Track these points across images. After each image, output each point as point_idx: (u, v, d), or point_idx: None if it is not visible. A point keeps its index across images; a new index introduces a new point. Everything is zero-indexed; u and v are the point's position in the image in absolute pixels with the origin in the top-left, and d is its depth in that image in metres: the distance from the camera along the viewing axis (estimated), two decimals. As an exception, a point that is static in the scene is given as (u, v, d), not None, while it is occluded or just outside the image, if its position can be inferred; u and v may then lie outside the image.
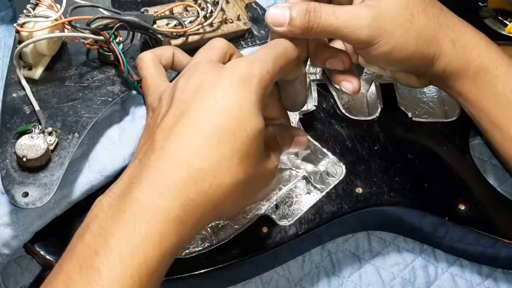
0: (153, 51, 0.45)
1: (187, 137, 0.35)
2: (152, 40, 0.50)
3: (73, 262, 0.32)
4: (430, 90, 0.59)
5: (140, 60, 0.44)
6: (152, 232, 0.32)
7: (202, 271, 0.44)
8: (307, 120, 0.52)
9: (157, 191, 0.34)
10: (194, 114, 0.36)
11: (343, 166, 0.49)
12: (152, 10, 0.51)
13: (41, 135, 0.41)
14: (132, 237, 0.32)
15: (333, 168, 0.50)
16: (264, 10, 0.56)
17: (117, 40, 0.46)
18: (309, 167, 0.52)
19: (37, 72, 0.46)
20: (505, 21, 0.62)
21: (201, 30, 0.50)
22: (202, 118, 0.36)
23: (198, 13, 0.50)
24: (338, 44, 0.50)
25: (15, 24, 0.44)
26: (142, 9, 0.51)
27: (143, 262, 0.32)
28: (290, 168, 0.53)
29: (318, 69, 0.58)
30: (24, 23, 0.45)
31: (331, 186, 0.49)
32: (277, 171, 0.41)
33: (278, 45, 0.40)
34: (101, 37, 0.46)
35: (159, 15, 0.50)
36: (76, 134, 0.43)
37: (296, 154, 0.52)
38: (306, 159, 0.52)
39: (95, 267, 0.31)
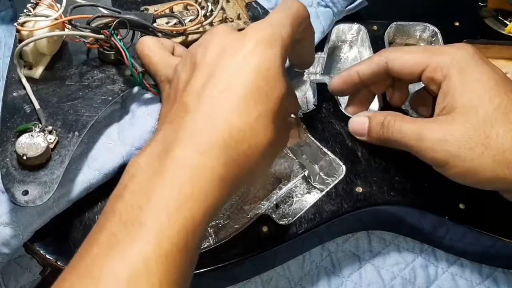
0: (152, 36, 0.46)
1: (221, 98, 0.35)
2: (152, 39, 0.50)
3: (115, 219, 0.32)
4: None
5: (141, 43, 0.44)
6: (197, 189, 0.33)
7: (202, 270, 0.44)
8: (307, 120, 0.52)
9: (200, 150, 0.34)
10: (223, 75, 0.36)
11: (343, 166, 0.49)
12: (152, 9, 0.51)
13: (41, 133, 0.41)
14: (177, 194, 0.32)
15: (333, 167, 0.50)
16: (264, 10, 0.56)
17: (118, 37, 0.46)
18: (315, 167, 0.52)
19: (38, 71, 0.46)
20: (505, 21, 0.62)
21: (201, 29, 0.50)
22: (233, 78, 0.36)
23: (198, 12, 0.50)
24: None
25: (15, 23, 0.44)
26: (142, 8, 0.51)
27: (189, 218, 0.32)
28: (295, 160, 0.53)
29: (318, 69, 0.58)
30: (25, 22, 0.45)
31: (331, 186, 0.49)
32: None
33: (292, 6, 0.40)
34: (102, 36, 0.46)
35: (159, 14, 0.50)
36: (76, 133, 0.43)
37: (301, 153, 0.52)
38: (307, 157, 0.52)
39: (141, 222, 0.31)
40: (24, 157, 0.40)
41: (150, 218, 0.32)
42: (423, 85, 0.50)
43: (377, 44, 0.58)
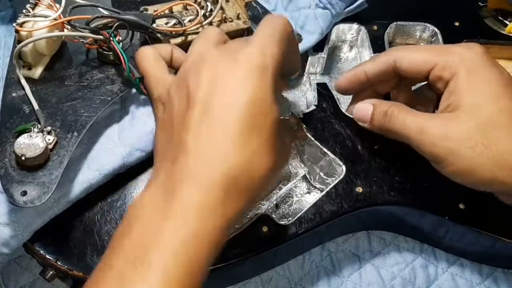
0: (152, 46, 0.46)
1: (217, 137, 0.36)
2: (151, 39, 0.50)
3: (123, 259, 0.34)
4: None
5: (139, 53, 0.45)
6: (201, 228, 0.34)
7: (201, 270, 0.44)
8: (307, 120, 0.52)
9: (202, 191, 0.35)
10: (217, 112, 0.37)
11: (343, 166, 0.49)
12: (151, 9, 0.51)
13: (40, 134, 0.41)
14: (182, 234, 0.34)
15: (333, 167, 0.50)
16: (264, 9, 0.55)
17: (117, 39, 0.46)
18: (315, 167, 0.52)
19: (37, 72, 0.46)
20: (505, 21, 0.62)
21: (200, 29, 0.50)
22: (227, 116, 0.36)
23: (198, 12, 0.50)
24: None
25: (14, 24, 0.44)
26: (141, 8, 0.51)
27: (193, 256, 0.34)
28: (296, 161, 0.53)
29: (318, 69, 0.58)
30: (24, 22, 0.45)
31: (331, 186, 0.49)
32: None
33: (278, 23, 0.40)
34: (101, 36, 0.46)
35: (159, 14, 0.50)
36: (76, 133, 0.43)
37: (301, 152, 0.52)
38: (307, 157, 0.52)
39: (150, 262, 0.33)
40: (23, 158, 0.40)
41: (158, 259, 0.33)
42: (421, 85, 0.50)
43: (377, 44, 0.58)
